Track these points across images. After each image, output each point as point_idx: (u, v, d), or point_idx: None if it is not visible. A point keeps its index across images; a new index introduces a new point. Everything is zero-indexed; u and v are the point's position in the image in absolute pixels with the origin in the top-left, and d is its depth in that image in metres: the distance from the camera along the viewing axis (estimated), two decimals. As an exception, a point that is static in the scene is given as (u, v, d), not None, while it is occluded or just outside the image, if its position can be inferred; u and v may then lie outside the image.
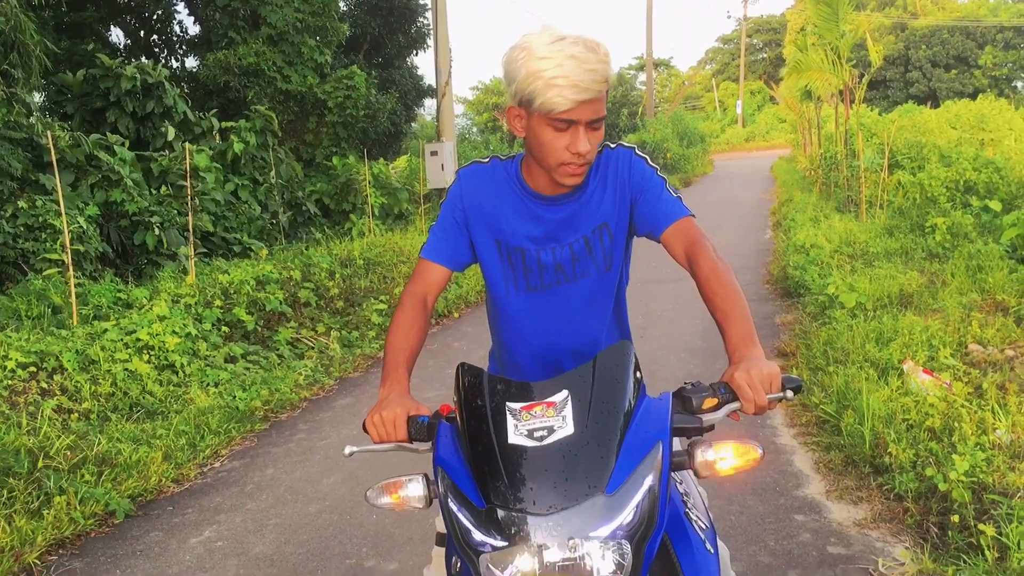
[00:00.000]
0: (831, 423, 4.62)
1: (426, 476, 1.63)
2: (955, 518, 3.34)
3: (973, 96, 35.64)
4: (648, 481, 1.37)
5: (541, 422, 1.44)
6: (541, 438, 1.42)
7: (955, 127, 20.93)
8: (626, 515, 1.34)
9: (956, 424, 4.02)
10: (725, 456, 1.52)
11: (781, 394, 1.52)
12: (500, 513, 1.35)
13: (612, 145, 1.92)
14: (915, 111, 26.98)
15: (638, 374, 1.56)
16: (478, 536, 1.36)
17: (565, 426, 1.43)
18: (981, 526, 3.15)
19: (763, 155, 34.90)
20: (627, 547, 1.33)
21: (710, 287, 1.73)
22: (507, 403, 1.49)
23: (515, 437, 1.43)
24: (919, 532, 3.49)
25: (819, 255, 8.81)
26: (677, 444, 1.70)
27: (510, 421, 1.46)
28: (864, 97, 13.69)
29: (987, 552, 3.06)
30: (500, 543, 1.34)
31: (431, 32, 16.44)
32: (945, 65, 43.44)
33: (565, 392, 1.49)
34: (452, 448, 1.53)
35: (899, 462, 3.87)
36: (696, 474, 1.55)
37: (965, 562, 3.09)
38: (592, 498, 1.34)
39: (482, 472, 1.41)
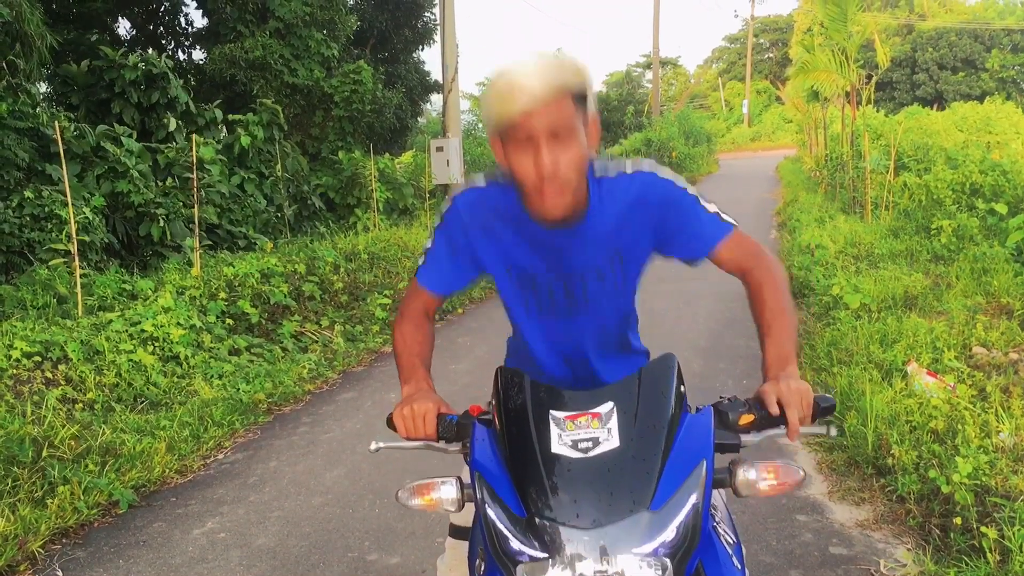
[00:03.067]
0: (834, 424, 4.62)
1: (459, 479, 1.59)
2: (957, 520, 3.33)
3: (980, 99, 35.57)
4: (692, 499, 1.35)
5: (586, 433, 1.42)
6: (586, 450, 1.40)
7: (962, 129, 20.87)
8: (669, 533, 1.32)
9: (959, 426, 4.01)
10: (767, 476, 1.49)
11: (825, 430, 1.53)
12: (540, 523, 1.33)
13: (629, 170, 1.76)
14: (920, 113, 26.90)
15: (682, 388, 1.54)
16: (516, 545, 1.34)
17: (611, 439, 1.41)
18: (983, 528, 3.15)
19: (768, 155, 34.84)
20: (668, 564, 1.31)
21: (757, 300, 1.71)
22: (551, 411, 1.46)
23: (559, 447, 1.41)
24: (921, 534, 3.49)
25: (824, 256, 8.80)
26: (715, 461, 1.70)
27: (554, 430, 1.43)
28: (871, 98, 13.64)
29: (989, 555, 3.06)
30: (539, 554, 1.32)
31: (438, 27, 16.44)
32: (952, 67, 43.31)
33: (611, 404, 1.46)
34: (490, 452, 1.50)
35: (902, 464, 3.87)
36: (736, 493, 1.52)
37: (967, 564, 3.08)
38: (636, 514, 1.32)
39: (523, 480, 1.39)
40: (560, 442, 1.41)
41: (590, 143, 1.65)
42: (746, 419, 1.52)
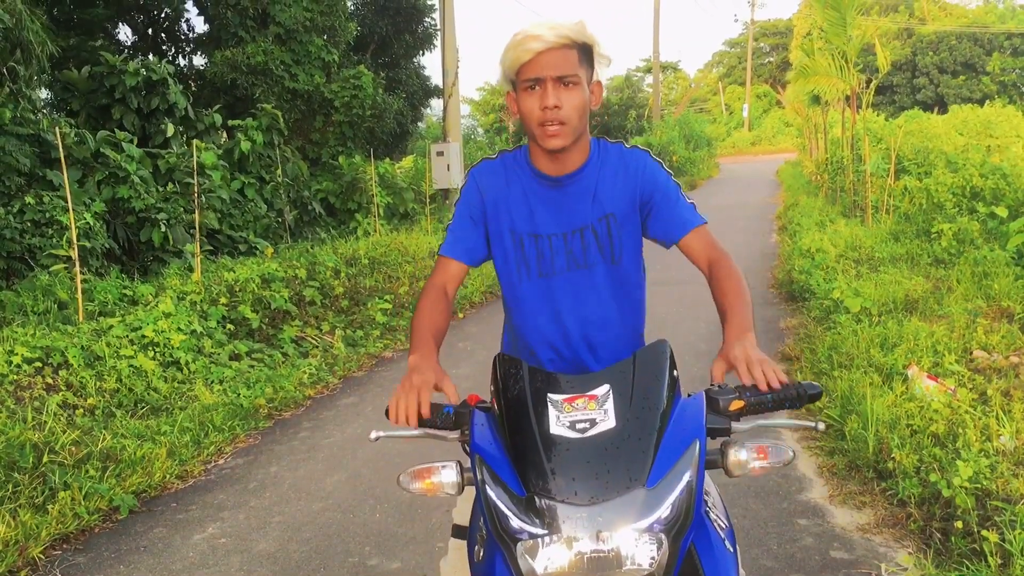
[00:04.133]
0: (835, 428, 4.62)
1: (459, 463, 1.64)
2: (958, 524, 3.33)
3: (981, 102, 35.56)
4: (686, 477, 1.40)
5: (583, 414, 1.47)
6: (583, 430, 1.45)
7: (962, 133, 20.87)
8: (664, 509, 1.36)
9: (960, 430, 4.01)
10: (758, 456, 1.56)
11: (813, 424, 1.62)
12: (540, 502, 1.37)
13: (628, 145, 2.01)
14: (920, 117, 26.91)
15: (675, 372, 1.60)
16: (516, 523, 1.38)
17: (607, 419, 1.46)
18: (984, 532, 3.15)
19: (769, 159, 34.85)
20: (664, 540, 1.35)
21: (721, 286, 1.83)
22: (548, 394, 1.52)
23: (557, 428, 1.46)
24: (922, 538, 3.49)
25: (824, 259, 8.79)
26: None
27: (552, 412, 1.48)
28: (871, 102, 13.65)
29: (990, 558, 3.06)
30: (539, 531, 1.36)
31: (438, 32, 16.48)
32: (952, 71, 43.34)
33: (607, 386, 1.52)
34: (489, 436, 1.54)
35: (903, 467, 3.87)
36: (728, 473, 1.58)
37: (968, 568, 3.08)
38: (633, 491, 1.36)
39: (522, 461, 1.43)
40: (558, 423, 1.47)
41: (594, 101, 1.89)
42: (736, 405, 1.57)
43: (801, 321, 7.28)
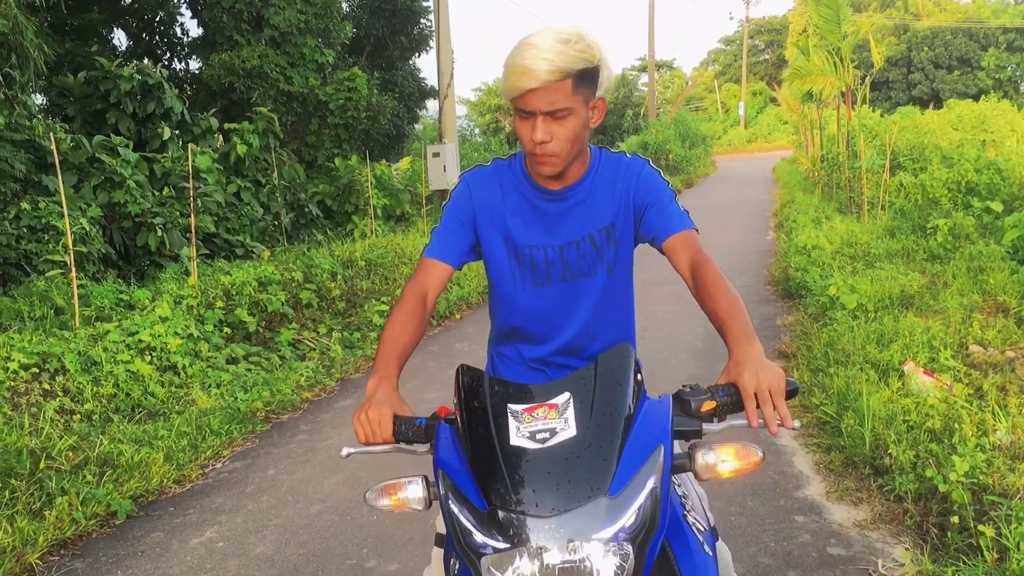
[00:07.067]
0: (831, 424, 4.63)
1: (426, 478, 1.63)
2: (955, 519, 3.34)
3: (976, 97, 35.62)
4: (650, 483, 1.37)
5: (543, 424, 1.45)
6: (543, 440, 1.42)
7: (957, 128, 20.90)
8: (628, 517, 1.34)
9: (956, 425, 4.02)
10: (726, 459, 1.53)
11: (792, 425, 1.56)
12: (502, 515, 1.35)
13: (628, 155, 2.00)
14: (915, 113, 26.92)
15: (639, 376, 1.57)
16: (479, 538, 1.36)
17: (567, 428, 1.43)
18: (981, 527, 3.15)
19: (765, 156, 34.89)
20: (629, 549, 1.33)
21: (713, 293, 1.74)
22: (509, 405, 1.49)
23: (517, 439, 1.43)
24: (919, 533, 3.49)
25: (820, 256, 8.80)
26: (676, 447, 1.71)
27: (512, 423, 1.46)
28: (866, 98, 13.67)
29: (986, 553, 3.06)
30: (502, 545, 1.34)
31: (433, 34, 16.48)
32: (948, 67, 43.40)
33: (567, 394, 1.49)
34: (453, 450, 1.52)
35: (899, 463, 3.87)
36: (697, 476, 1.55)
37: (965, 563, 3.09)
38: (595, 500, 1.34)
39: (483, 474, 1.41)
40: (518, 434, 1.44)
41: (595, 119, 1.84)
42: (708, 406, 1.53)
43: (797, 318, 7.28)
